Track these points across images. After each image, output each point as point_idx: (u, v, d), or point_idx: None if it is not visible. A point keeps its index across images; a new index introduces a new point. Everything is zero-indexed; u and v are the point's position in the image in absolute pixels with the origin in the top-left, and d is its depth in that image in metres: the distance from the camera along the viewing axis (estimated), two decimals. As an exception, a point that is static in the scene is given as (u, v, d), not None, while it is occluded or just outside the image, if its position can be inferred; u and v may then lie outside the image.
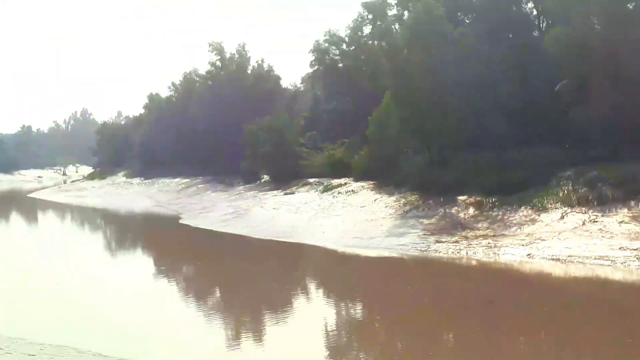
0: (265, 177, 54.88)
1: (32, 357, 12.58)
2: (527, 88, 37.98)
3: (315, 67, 63.38)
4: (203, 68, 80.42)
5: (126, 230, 48.24)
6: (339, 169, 46.76)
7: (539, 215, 29.14)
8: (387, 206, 36.36)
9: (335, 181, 44.62)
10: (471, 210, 31.76)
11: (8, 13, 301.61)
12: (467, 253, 26.46)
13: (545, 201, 29.92)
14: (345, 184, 43.36)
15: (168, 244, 37.87)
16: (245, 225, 39.28)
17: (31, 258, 32.19)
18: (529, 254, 24.69)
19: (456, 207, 32.66)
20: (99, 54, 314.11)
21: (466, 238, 28.25)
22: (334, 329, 18.09)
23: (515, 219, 29.53)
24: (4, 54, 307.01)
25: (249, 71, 76.18)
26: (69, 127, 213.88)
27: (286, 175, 50.93)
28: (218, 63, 76.64)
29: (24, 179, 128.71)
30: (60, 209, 63.27)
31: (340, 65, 61.74)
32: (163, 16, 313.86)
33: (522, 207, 30.32)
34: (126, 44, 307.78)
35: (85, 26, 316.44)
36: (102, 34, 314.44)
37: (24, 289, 23.08)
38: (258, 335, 17.50)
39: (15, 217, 60.72)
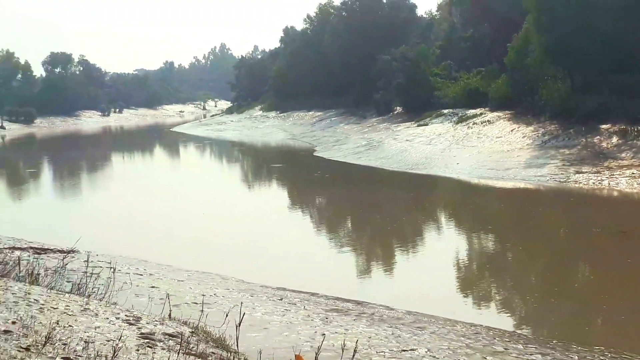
0: (399, 109, 54.18)
1: (180, 282, 12.98)
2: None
3: (454, -8, 61.13)
4: (339, -1, 79.64)
5: (263, 163, 49.29)
6: (474, 99, 45.31)
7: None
8: (524, 136, 35.03)
9: (470, 111, 43.35)
10: (614, 140, 29.95)
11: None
12: (609, 184, 25.16)
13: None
14: (481, 114, 42.05)
15: (304, 176, 38.22)
16: (378, 157, 39.16)
17: (178, 190, 33.55)
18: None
19: (598, 137, 30.91)
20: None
21: (609, 168, 26.82)
22: (465, 259, 17.72)
23: (664, 148, 27.70)
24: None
25: (384, 0, 74.74)
26: (208, 63, 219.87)
27: (420, 106, 49.96)
28: (354, -8, 75.51)
29: (167, 114, 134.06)
30: (201, 142, 65.46)
31: (480, -11, 59.21)
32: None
33: (673, 136, 28.40)
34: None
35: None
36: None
37: (171, 220, 23.66)
38: (388, 265, 17.38)
39: (159, 151, 63.53)
